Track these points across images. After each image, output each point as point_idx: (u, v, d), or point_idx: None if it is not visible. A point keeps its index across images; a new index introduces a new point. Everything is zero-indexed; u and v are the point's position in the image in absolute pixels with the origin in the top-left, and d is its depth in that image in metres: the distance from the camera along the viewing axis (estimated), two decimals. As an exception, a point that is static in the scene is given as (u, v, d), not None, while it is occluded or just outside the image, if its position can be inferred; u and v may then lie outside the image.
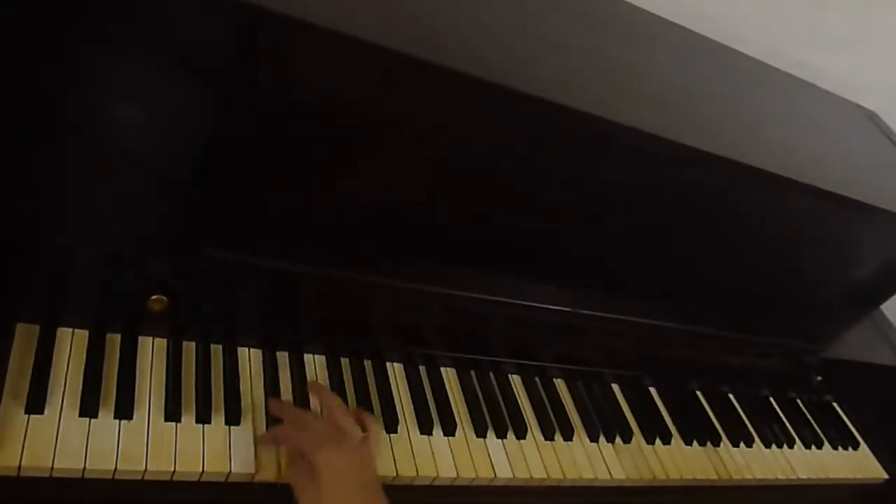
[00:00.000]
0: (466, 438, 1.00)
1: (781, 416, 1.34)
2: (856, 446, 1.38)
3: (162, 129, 0.88)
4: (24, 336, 0.82)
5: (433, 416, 0.99)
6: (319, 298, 0.96)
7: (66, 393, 0.80)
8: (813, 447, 1.32)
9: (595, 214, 1.03)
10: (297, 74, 0.77)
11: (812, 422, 1.37)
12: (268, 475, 0.84)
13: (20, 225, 0.79)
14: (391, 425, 0.95)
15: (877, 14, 1.47)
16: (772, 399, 1.37)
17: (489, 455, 0.99)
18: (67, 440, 0.76)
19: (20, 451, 0.73)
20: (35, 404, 0.77)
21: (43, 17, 0.82)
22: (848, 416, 1.43)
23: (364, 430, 0.90)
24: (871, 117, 1.53)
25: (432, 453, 0.95)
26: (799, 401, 1.40)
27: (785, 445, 1.28)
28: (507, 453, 1.00)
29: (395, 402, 0.98)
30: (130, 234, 0.85)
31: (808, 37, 1.46)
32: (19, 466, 0.73)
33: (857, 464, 1.36)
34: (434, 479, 0.94)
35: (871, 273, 1.33)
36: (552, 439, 1.06)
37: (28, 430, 0.75)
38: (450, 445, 0.97)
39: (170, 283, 0.86)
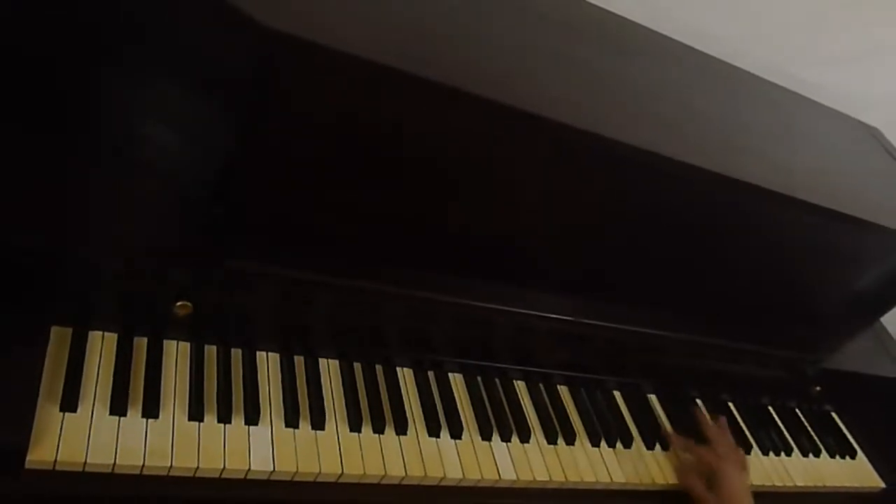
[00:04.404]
0: (472, 441, 1.04)
1: (780, 424, 1.37)
2: (853, 455, 1.41)
3: (186, 146, 0.92)
4: (58, 339, 0.87)
5: (441, 419, 1.03)
6: (333, 306, 1.00)
7: (97, 393, 0.85)
8: (811, 455, 1.35)
9: (599, 227, 1.07)
10: (315, 96, 0.81)
11: (810, 431, 1.40)
12: (284, 473, 0.89)
13: (55, 236, 0.84)
14: (400, 428, 0.99)
15: (879, 30, 1.50)
16: (771, 408, 1.40)
17: (494, 457, 1.03)
18: (99, 437, 0.81)
19: (56, 446, 0.78)
20: (69, 403, 0.82)
21: (76, 42, 0.87)
22: (846, 426, 1.46)
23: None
24: (874, 134, 1.56)
25: (440, 455, 1.00)
26: (798, 410, 1.43)
27: (783, 453, 1.31)
28: (511, 456, 1.05)
29: (405, 405, 1.02)
30: (157, 245, 0.90)
31: (810, 53, 1.49)
32: (55, 461, 0.78)
33: (855, 472, 1.38)
34: (441, 479, 0.98)
35: (871, 286, 1.36)
36: (555, 443, 1.10)
37: (63, 428, 0.80)
38: (456, 448, 1.02)
39: (193, 291, 0.91)
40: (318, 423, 0.94)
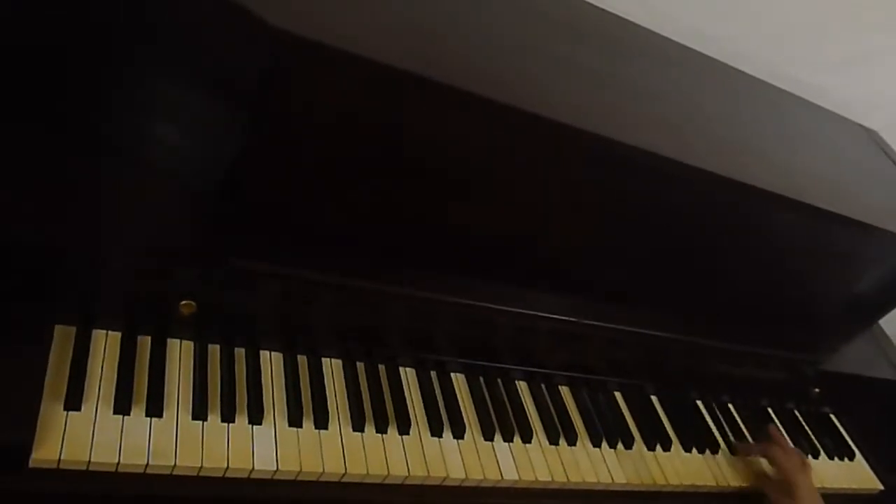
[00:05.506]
0: (475, 441, 1.04)
1: (779, 426, 1.37)
2: (851, 457, 1.41)
3: (191, 145, 0.92)
4: (62, 338, 0.86)
5: (443, 419, 1.03)
6: (336, 306, 1.00)
7: (101, 391, 0.84)
8: (809, 456, 1.35)
9: (600, 228, 1.08)
10: (317, 95, 0.82)
11: (809, 432, 1.40)
12: (287, 473, 0.89)
13: (59, 234, 0.84)
14: (403, 427, 0.99)
15: (879, 34, 1.51)
16: (770, 409, 1.40)
17: (496, 458, 1.03)
18: (103, 436, 0.81)
19: (60, 445, 0.78)
20: (73, 402, 0.81)
21: (83, 40, 0.87)
22: (845, 428, 1.46)
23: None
24: (874, 137, 1.57)
25: (442, 455, 1.00)
26: (797, 412, 1.43)
27: (782, 454, 1.32)
28: (513, 456, 1.05)
29: (408, 405, 1.02)
30: (160, 244, 0.90)
31: (810, 56, 1.50)
32: (59, 460, 0.78)
33: (853, 474, 1.39)
34: (444, 479, 0.98)
35: (870, 289, 1.36)
36: (557, 444, 1.10)
37: (67, 426, 0.80)
38: (459, 448, 1.02)
39: (197, 290, 0.91)
40: (321, 422, 0.94)
